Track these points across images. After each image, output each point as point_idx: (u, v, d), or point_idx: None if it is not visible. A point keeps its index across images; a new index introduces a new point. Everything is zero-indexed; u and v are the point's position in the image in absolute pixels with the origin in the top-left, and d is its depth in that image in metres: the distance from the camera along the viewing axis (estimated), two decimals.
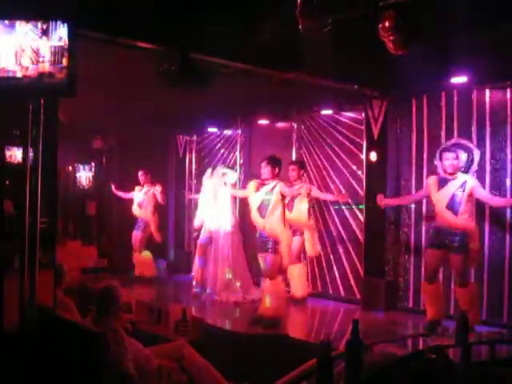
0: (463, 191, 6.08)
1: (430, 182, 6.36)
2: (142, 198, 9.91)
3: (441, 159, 6.32)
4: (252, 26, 5.21)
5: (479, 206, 6.47)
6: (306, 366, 2.91)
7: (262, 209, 6.71)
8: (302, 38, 4.70)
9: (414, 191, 7.32)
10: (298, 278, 7.89)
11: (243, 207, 7.87)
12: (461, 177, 6.17)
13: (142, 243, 9.92)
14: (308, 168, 8.53)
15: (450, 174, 6.17)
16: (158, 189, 9.80)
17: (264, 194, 6.72)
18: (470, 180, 6.14)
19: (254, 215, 6.74)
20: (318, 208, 8.29)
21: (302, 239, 7.80)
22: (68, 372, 3.79)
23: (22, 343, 3.93)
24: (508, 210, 6.50)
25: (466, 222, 6.08)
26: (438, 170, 6.47)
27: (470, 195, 6.09)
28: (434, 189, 6.28)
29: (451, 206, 6.11)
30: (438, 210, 6.24)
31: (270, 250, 6.56)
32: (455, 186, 6.14)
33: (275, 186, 6.67)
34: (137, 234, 9.95)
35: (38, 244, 4.08)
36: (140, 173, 9.97)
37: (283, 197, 6.73)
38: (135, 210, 9.98)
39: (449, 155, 6.18)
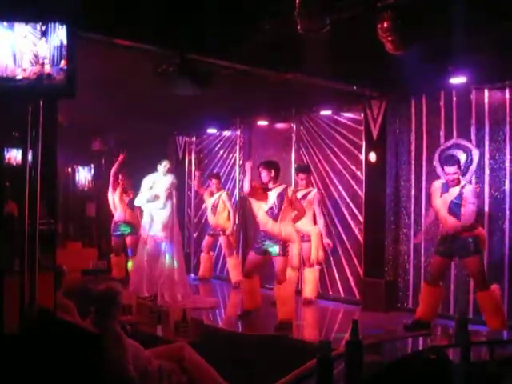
0: (462, 195, 6.04)
1: (435, 187, 6.26)
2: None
3: (441, 165, 6.29)
4: (251, 27, 5.21)
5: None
6: (306, 366, 2.91)
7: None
8: (301, 38, 4.70)
9: (413, 191, 7.34)
10: (311, 282, 7.91)
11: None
12: (461, 182, 6.13)
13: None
14: None
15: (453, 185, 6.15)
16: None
17: (273, 199, 6.61)
18: (468, 186, 6.09)
19: (264, 218, 6.53)
20: None
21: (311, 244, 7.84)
22: (68, 374, 3.79)
23: (21, 345, 3.93)
24: (507, 211, 6.51)
25: (471, 226, 6.02)
26: (436, 170, 6.49)
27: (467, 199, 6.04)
28: (437, 194, 6.22)
29: (453, 211, 6.08)
30: (441, 216, 6.17)
31: (280, 254, 6.47)
32: (456, 190, 6.10)
33: (286, 189, 6.59)
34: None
35: (38, 246, 4.08)
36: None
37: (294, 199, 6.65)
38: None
39: (450, 169, 6.06)
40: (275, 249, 6.47)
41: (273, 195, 6.61)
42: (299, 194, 7.87)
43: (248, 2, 5.05)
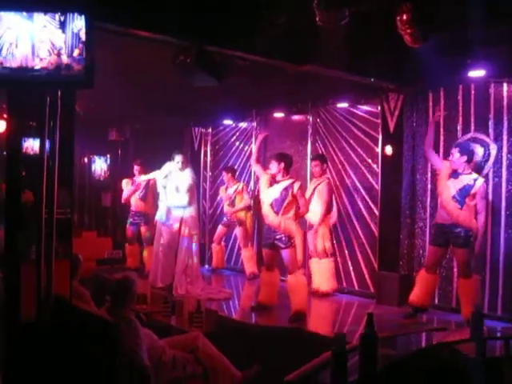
0: (471, 187, 6.13)
1: (446, 167, 6.34)
2: None
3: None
4: (268, 18, 5.20)
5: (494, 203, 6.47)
6: (321, 358, 2.91)
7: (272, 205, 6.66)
8: (319, 30, 4.68)
9: (429, 185, 7.28)
10: (322, 273, 7.91)
11: None
12: (473, 174, 6.21)
13: None
14: None
15: (455, 170, 6.21)
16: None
17: (279, 192, 6.63)
18: (480, 181, 6.17)
19: (267, 211, 6.70)
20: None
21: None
22: (83, 361, 3.83)
23: (38, 333, 3.97)
24: None
25: (469, 217, 6.14)
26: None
27: (474, 195, 6.15)
28: (445, 175, 6.30)
29: (457, 198, 6.16)
30: (443, 198, 6.26)
31: (287, 245, 6.52)
32: (467, 179, 6.17)
33: (292, 184, 6.59)
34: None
35: (55, 234, 4.11)
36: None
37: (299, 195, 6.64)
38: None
39: (453, 156, 6.25)
40: (282, 241, 6.51)
41: (279, 188, 6.63)
42: (312, 185, 7.89)
43: None
